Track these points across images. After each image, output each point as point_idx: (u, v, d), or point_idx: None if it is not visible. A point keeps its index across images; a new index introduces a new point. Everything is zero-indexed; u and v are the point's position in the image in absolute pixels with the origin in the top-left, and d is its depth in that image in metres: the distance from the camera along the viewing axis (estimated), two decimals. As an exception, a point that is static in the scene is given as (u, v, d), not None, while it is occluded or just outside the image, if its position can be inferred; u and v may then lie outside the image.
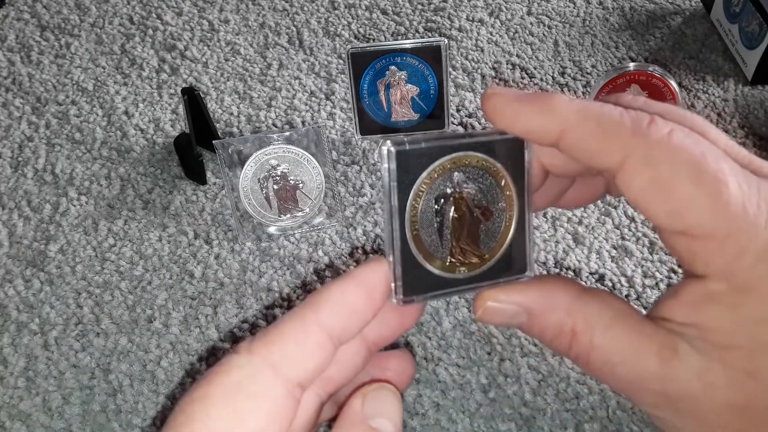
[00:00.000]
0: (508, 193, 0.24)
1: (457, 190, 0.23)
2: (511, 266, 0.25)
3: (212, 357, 0.35)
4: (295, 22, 0.55)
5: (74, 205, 0.43)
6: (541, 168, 0.25)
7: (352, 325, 0.22)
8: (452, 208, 0.23)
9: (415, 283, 0.23)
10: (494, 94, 0.22)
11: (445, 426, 0.32)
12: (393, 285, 0.23)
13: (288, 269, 0.39)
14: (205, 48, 0.53)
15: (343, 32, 0.54)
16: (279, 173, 0.39)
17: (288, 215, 0.39)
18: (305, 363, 0.21)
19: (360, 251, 0.40)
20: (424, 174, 0.22)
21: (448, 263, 0.24)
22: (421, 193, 0.23)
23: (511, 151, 0.23)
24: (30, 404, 0.35)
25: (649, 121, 0.21)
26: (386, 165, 0.22)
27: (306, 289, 0.38)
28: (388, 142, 0.21)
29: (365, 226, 0.41)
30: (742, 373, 0.21)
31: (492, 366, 0.35)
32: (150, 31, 0.54)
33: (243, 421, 0.20)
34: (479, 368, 0.35)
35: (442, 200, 0.23)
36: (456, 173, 0.23)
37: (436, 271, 0.24)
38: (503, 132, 0.23)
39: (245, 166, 0.38)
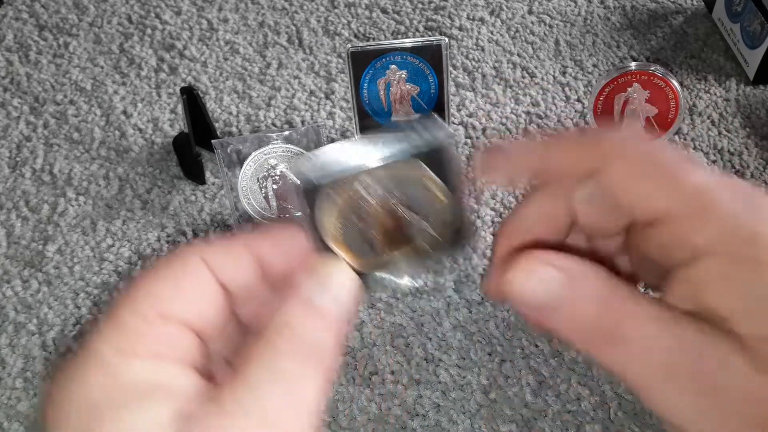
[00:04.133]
0: (432, 189, 0.24)
1: (377, 202, 0.23)
2: (453, 245, 0.25)
3: (211, 358, 0.35)
4: (295, 21, 0.55)
5: (72, 206, 0.43)
6: (566, 213, 0.25)
7: (280, 257, 0.24)
8: (376, 223, 0.24)
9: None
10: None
11: (445, 427, 0.32)
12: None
13: (287, 269, 0.39)
14: (204, 47, 0.53)
15: (342, 31, 0.54)
16: (278, 173, 0.38)
17: (287, 215, 0.39)
18: (236, 269, 0.24)
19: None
20: (339, 200, 0.23)
21: (377, 257, 0.24)
22: (341, 214, 0.23)
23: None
24: (28, 405, 0.34)
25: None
26: (299, 199, 0.22)
27: (305, 289, 0.38)
28: (294, 175, 0.22)
29: (365, 226, 0.41)
30: (760, 342, 0.20)
31: (492, 367, 0.35)
32: (149, 31, 0.54)
33: (188, 301, 0.23)
34: (480, 369, 0.35)
35: (362, 216, 0.24)
36: (372, 188, 0.23)
37: (377, 273, 0.24)
38: (426, 137, 0.23)
39: (244, 166, 0.38)
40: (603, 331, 0.21)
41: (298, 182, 0.22)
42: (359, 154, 0.23)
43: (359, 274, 0.24)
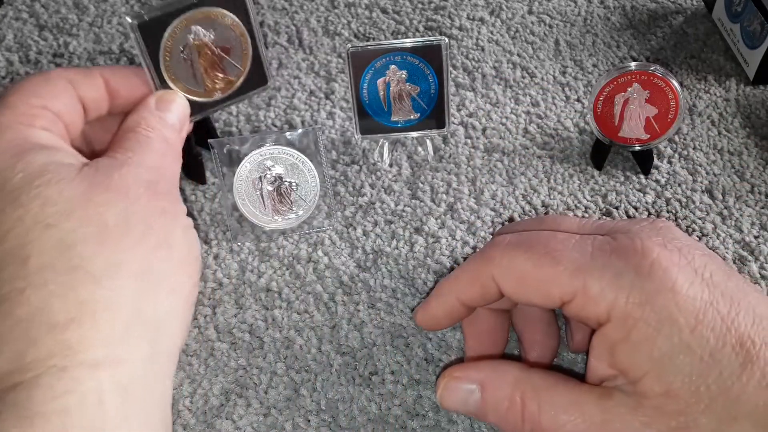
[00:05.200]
0: (238, 31, 0.34)
1: (197, 38, 0.33)
2: (255, 82, 0.36)
3: (211, 357, 0.35)
4: (295, 21, 0.55)
5: (72, 205, 0.43)
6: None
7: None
8: (196, 53, 0.33)
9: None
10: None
11: (445, 427, 0.32)
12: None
13: (287, 269, 0.39)
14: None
15: (342, 31, 0.54)
16: (274, 174, 0.38)
17: (281, 216, 0.39)
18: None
19: (360, 251, 0.40)
20: (166, 34, 0.32)
21: (204, 92, 0.35)
22: (168, 47, 0.32)
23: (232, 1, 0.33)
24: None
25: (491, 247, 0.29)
26: (133, 36, 0.31)
27: (305, 289, 0.38)
28: (127, 17, 0.31)
29: (365, 226, 0.41)
30: (661, 397, 0.23)
31: (492, 367, 0.35)
32: (149, 31, 0.54)
33: (60, 102, 0.31)
34: (480, 369, 0.35)
35: (187, 48, 0.33)
36: (194, 26, 0.33)
37: (197, 99, 0.35)
38: None
39: (240, 166, 0.38)
40: (526, 422, 0.26)
41: (130, 20, 0.31)
42: (182, 1, 0.32)
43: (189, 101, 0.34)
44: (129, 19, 0.31)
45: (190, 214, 0.41)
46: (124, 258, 0.28)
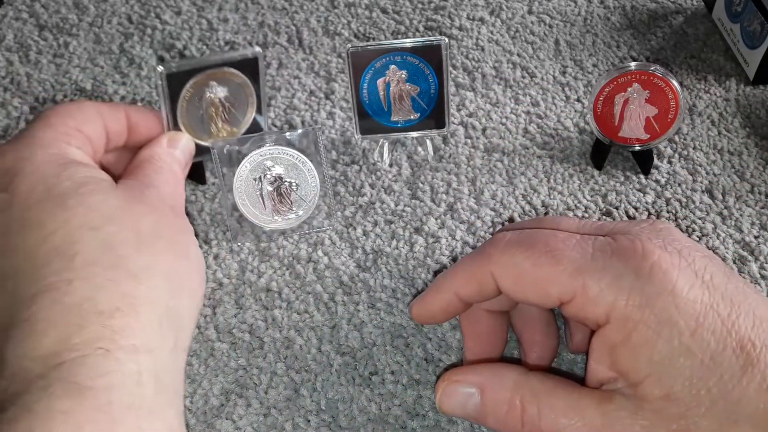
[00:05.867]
0: (248, 91, 0.39)
1: (212, 92, 0.38)
2: (254, 131, 0.41)
3: (211, 357, 0.35)
4: (295, 21, 0.55)
5: (72, 205, 0.43)
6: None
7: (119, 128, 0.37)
8: (209, 104, 0.38)
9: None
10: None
11: (445, 427, 0.32)
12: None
13: (287, 269, 0.39)
14: (204, 47, 0.53)
15: (342, 31, 0.54)
16: (274, 174, 0.38)
17: (281, 217, 0.39)
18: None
19: (360, 251, 0.40)
20: (188, 85, 0.37)
21: (208, 137, 0.39)
22: (187, 97, 0.37)
23: (248, 65, 0.39)
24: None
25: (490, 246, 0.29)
26: (160, 83, 0.36)
27: (305, 289, 0.38)
28: (159, 67, 0.36)
29: (365, 226, 0.41)
30: (661, 400, 0.23)
31: (492, 367, 0.35)
32: (149, 30, 0.54)
33: (89, 126, 0.35)
34: (480, 369, 0.35)
35: (202, 100, 0.38)
36: (212, 82, 0.38)
37: (202, 143, 0.39)
38: (243, 53, 0.38)
39: (240, 166, 0.38)
40: (525, 426, 0.26)
41: (162, 69, 0.36)
42: (206, 60, 0.38)
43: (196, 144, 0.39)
44: (160, 68, 0.36)
45: (189, 214, 0.41)
46: (156, 261, 0.31)
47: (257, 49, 0.39)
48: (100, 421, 0.25)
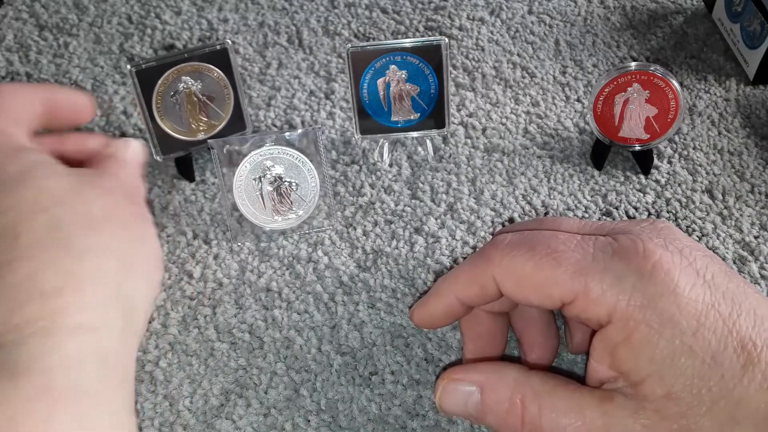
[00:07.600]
0: (223, 83, 0.40)
1: (186, 86, 0.39)
2: (235, 127, 0.42)
3: (211, 357, 0.35)
4: (295, 21, 0.55)
5: (72, 205, 0.43)
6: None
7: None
8: (185, 99, 0.39)
9: (166, 145, 0.40)
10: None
11: (445, 427, 0.32)
12: (152, 147, 0.40)
13: (287, 269, 0.39)
14: (204, 47, 0.53)
15: (342, 31, 0.54)
16: (274, 174, 0.38)
17: (281, 216, 0.39)
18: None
19: (360, 251, 0.40)
20: (160, 81, 0.38)
21: (188, 131, 0.40)
22: (160, 92, 0.38)
23: (217, 57, 0.39)
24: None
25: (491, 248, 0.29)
26: (130, 80, 0.37)
27: (305, 289, 0.38)
28: (128, 65, 0.37)
29: (365, 226, 0.41)
30: (662, 400, 0.23)
31: (492, 367, 0.35)
32: (149, 30, 0.54)
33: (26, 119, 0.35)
34: (480, 369, 0.35)
35: (177, 94, 0.39)
36: (184, 77, 0.39)
37: (182, 137, 0.40)
38: (212, 45, 0.39)
39: (240, 166, 0.38)
40: (525, 425, 0.26)
41: (131, 68, 0.37)
42: (175, 56, 0.38)
43: (177, 140, 0.40)
44: (129, 66, 0.37)
45: (189, 215, 0.41)
46: (107, 241, 0.31)
47: (228, 41, 0.40)
48: (36, 410, 0.25)
